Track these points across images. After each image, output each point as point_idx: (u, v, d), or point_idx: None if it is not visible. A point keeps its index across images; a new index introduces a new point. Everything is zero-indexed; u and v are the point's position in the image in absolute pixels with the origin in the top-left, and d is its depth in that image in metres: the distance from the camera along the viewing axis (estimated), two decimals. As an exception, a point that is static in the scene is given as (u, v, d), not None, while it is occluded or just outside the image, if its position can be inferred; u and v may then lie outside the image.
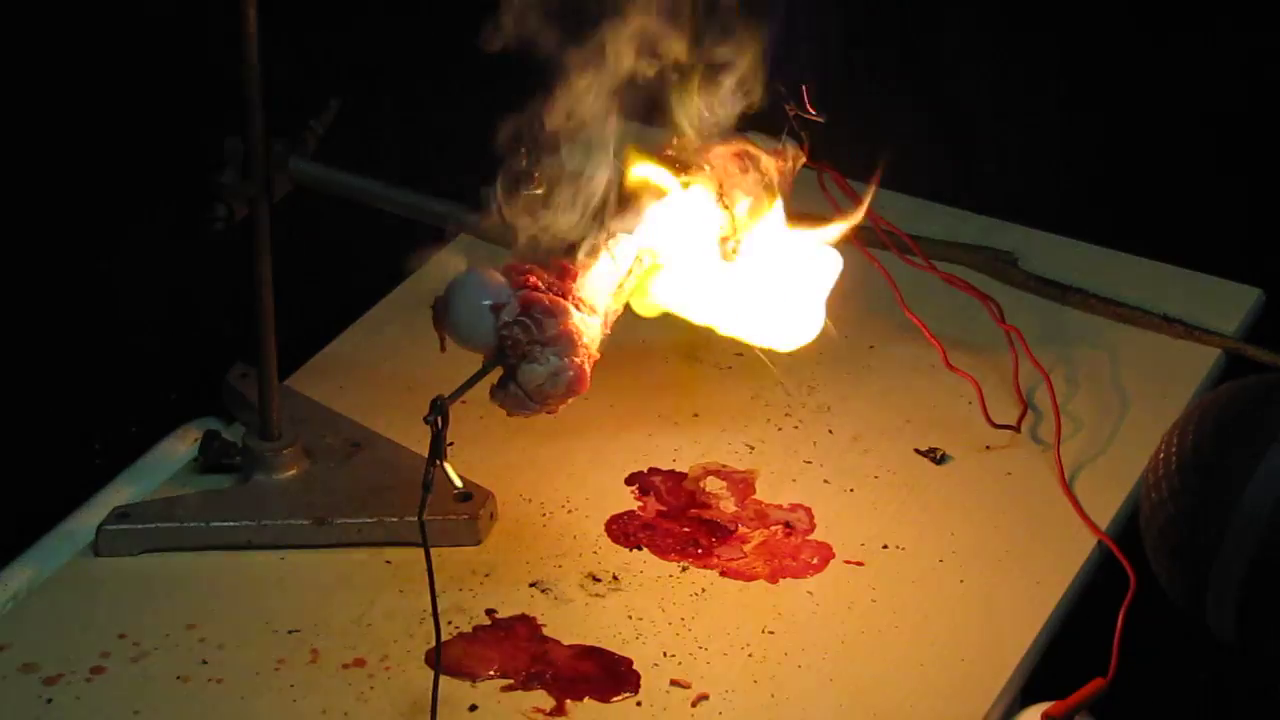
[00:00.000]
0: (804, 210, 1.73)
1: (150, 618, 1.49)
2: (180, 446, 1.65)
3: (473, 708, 1.42)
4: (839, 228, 1.55)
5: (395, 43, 1.89)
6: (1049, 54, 2.22)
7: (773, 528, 1.57)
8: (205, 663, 1.45)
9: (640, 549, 1.56)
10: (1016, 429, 1.66)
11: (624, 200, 1.52)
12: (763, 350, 1.55)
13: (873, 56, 2.21)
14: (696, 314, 1.54)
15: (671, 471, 1.63)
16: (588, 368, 1.43)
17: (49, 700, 1.42)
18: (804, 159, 1.60)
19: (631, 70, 1.50)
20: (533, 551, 1.55)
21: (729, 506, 1.59)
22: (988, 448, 1.65)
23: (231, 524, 1.55)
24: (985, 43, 2.22)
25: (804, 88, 1.56)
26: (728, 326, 1.54)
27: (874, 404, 1.70)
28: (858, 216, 1.57)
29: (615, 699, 1.43)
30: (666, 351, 1.75)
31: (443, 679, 1.41)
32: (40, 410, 1.64)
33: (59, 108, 1.62)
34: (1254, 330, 1.80)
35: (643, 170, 1.52)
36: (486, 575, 1.53)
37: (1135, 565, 1.51)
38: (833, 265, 1.54)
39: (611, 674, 1.44)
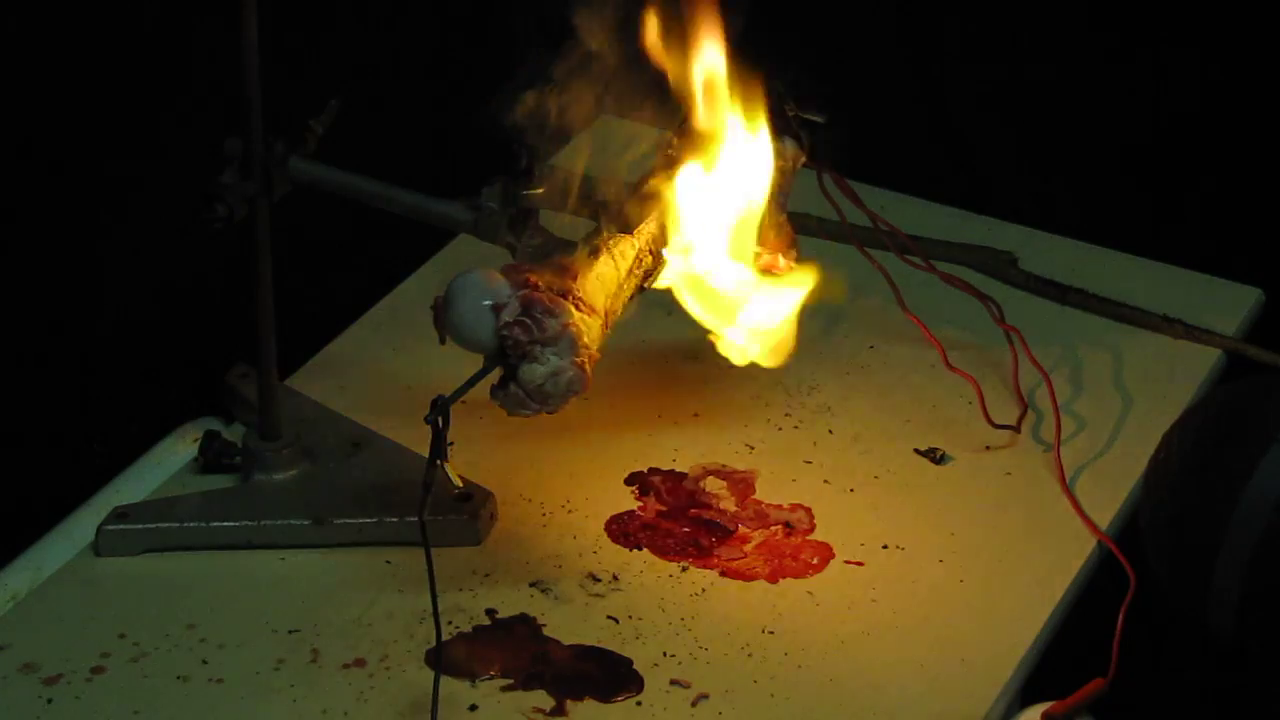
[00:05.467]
0: (804, 211, 1.74)
1: (150, 618, 1.49)
2: (180, 446, 1.65)
3: (473, 708, 1.42)
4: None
5: (395, 43, 1.89)
6: (1049, 54, 2.22)
7: (773, 528, 1.57)
8: (205, 663, 1.45)
9: (640, 549, 1.56)
10: (1016, 429, 1.66)
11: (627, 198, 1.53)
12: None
13: (872, 57, 2.21)
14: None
15: (671, 471, 1.63)
16: (588, 367, 1.43)
17: (49, 700, 1.42)
18: (804, 159, 1.60)
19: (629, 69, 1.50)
20: (533, 551, 1.55)
21: (729, 506, 1.59)
22: (988, 448, 1.65)
23: (231, 524, 1.55)
24: (985, 42, 2.22)
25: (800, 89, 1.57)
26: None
27: (874, 404, 1.70)
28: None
29: (615, 699, 1.43)
30: (666, 351, 1.75)
31: (443, 679, 1.41)
32: (40, 410, 1.64)
33: (59, 107, 1.62)
34: (1254, 330, 1.80)
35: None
36: (486, 575, 1.53)
37: (1135, 565, 1.51)
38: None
39: (611, 674, 1.44)
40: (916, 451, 1.65)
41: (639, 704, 1.42)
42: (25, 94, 1.60)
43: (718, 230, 1.53)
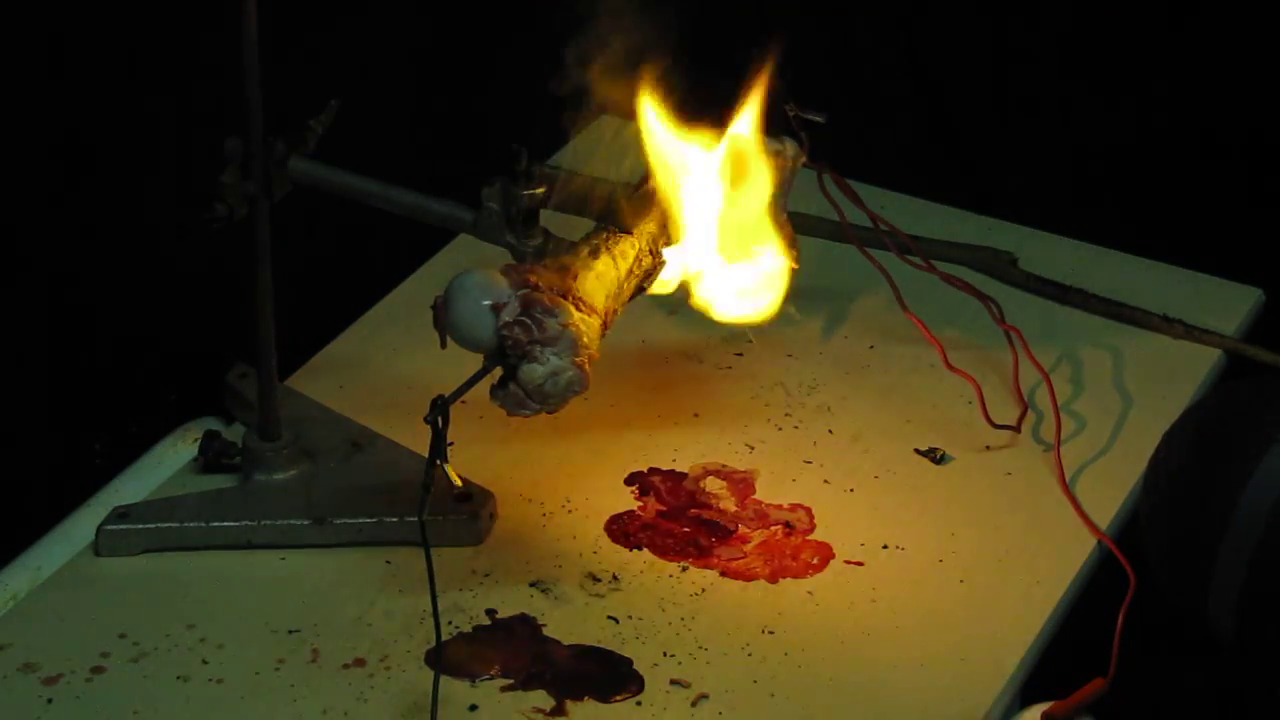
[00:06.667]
0: (803, 211, 1.74)
1: (150, 618, 1.49)
2: (180, 446, 1.65)
3: (473, 708, 1.42)
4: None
5: (395, 43, 1.89)
6: (1049, 53, 2.22)
7: (773, 528, 1.57)
8: (205, 663, 1.45)
9: (640, 549, 1.56)
10: (1016, 429, 1.66)
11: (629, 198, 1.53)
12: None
13: (872, 56, 2.21)
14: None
15: (671, 471, 1.63)
16: (588, 367, 1.43)
17: (49, 700, 1.42)
18: (804, 159, 1.60)
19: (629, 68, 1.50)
20: (533, 551, 1.55)
21: (729, 506, 1.59)
22: (988, 448, 1.65)
23: (231, 524, 1.55)
24: (985, 42, 2.22)
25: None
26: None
27: (874, 404, 1.70)
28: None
29: (615, 699, 1.43)
30: (666, 351, 1.75)
31: (443, 679, 1.41)
32: (40, 410, 1.64)
33: (58, 107, 1.62)
34: (1254, 330, 1.80)
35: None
36: (486, 575, 1.53)
37: (1135, 565, 1.51)
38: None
39: (611, 674, 1.45)
40: (916, 451, 1.65)
41: (639, 704, 1.42)
42: (25, 94, 1.60)
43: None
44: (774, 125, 1.58)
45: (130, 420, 1.66)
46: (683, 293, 1.58)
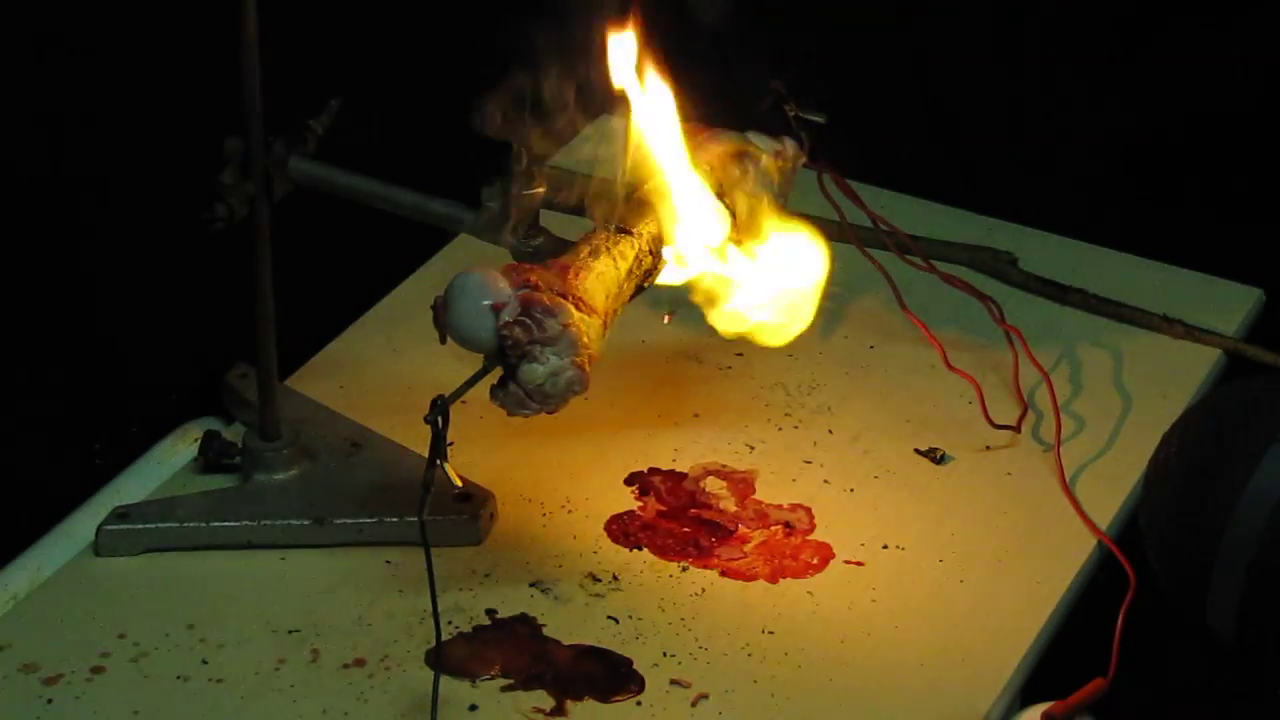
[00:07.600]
0: (803, 210, 1.74)
1: (150, 618, 1.49)
2: (180, 446, 1.65)
3: (473, 708, 1.42)
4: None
5: (395, 43, 1.89)
6: (1049, 53, 2.22)
7: (773, 528, 1.57)
8: (205, 663, 1.45)
9: (640, 549, 1.56)
10: (1016, 429, 1.66)
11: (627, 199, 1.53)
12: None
13: (873, 56, 2.21)
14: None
15: (671, 471, 1.63)
16: (588, 367, 1.43)
17: (49, 700, 1.42)
18: (804, 159, 1.60)
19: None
20: (533, 551, 1.55)
21: (729, 506, 1.59)
22: (988, 448, 1.65)
23: (231, 524, 1.55)
24: (986, 42, 2.22)
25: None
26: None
27: (874, 404, 1.70)
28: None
29: (615, 699, 1.43)
30: (666, 351, 1.75)
31: (443, 679, 1.41)
32: (40, 410, 1.64)
33: (58, 107, 1.62)
34: (1254, 330, 1.80)
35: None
36: (486, 575, 1.53)
37: (1135, 565, 1.51)
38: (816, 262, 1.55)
39: (611, 674, 1.45)
40: (916, 451, 1.65)
41: (639, 704, 1.43)
42: (25, 94, 1.60)
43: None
44: (773, 125, 1.58)
45: (130, 420, 1.66)
46: (683, 291, 1.58)
